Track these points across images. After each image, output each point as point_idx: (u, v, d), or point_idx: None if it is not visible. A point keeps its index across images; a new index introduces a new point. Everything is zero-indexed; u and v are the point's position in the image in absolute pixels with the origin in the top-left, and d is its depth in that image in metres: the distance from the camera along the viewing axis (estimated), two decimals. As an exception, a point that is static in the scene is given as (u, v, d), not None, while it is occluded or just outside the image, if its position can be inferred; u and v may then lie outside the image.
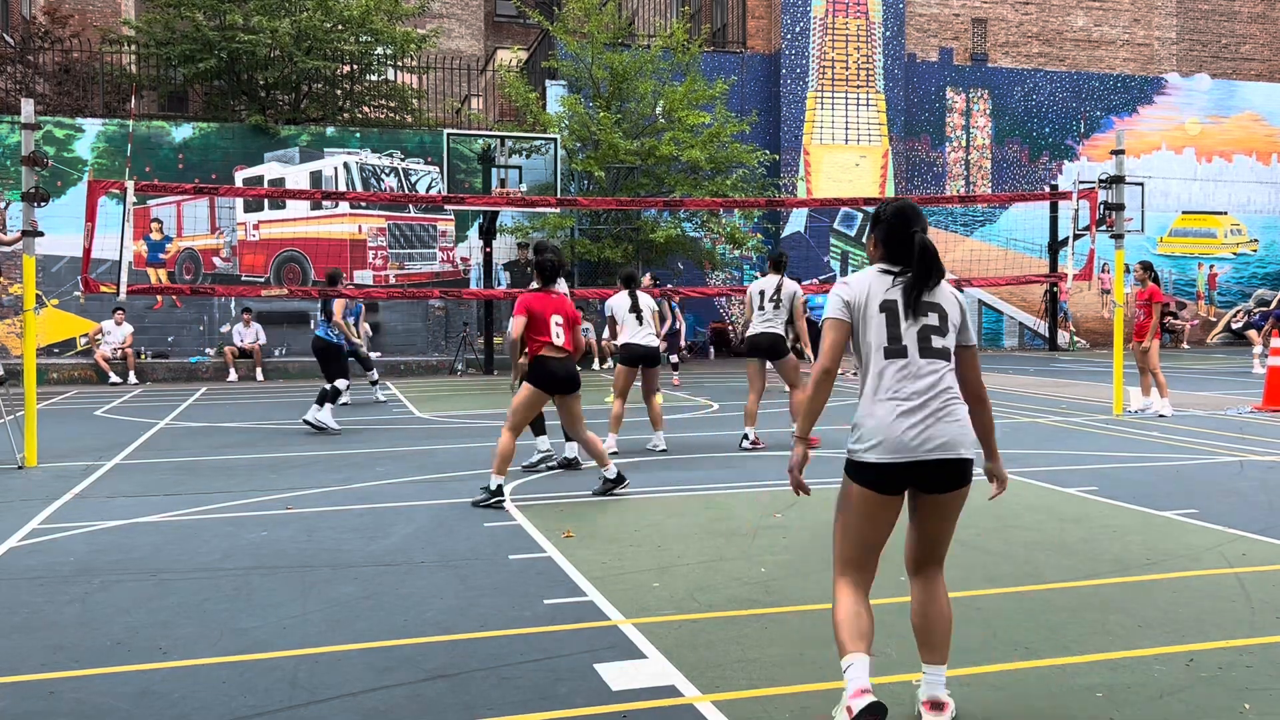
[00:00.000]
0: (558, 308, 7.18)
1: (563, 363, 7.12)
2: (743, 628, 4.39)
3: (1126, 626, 4.37)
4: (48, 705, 3.65)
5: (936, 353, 3.36)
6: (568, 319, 7.18)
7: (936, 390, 3.33)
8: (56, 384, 17.80)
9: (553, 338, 7.09)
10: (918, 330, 3.35)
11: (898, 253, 3.42)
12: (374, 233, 21.27)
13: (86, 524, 6.53)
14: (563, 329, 7.13)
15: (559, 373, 7.10)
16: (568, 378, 7.15)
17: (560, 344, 7.12)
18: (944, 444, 3.29)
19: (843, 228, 24.65)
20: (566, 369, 7.13)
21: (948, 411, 3.32)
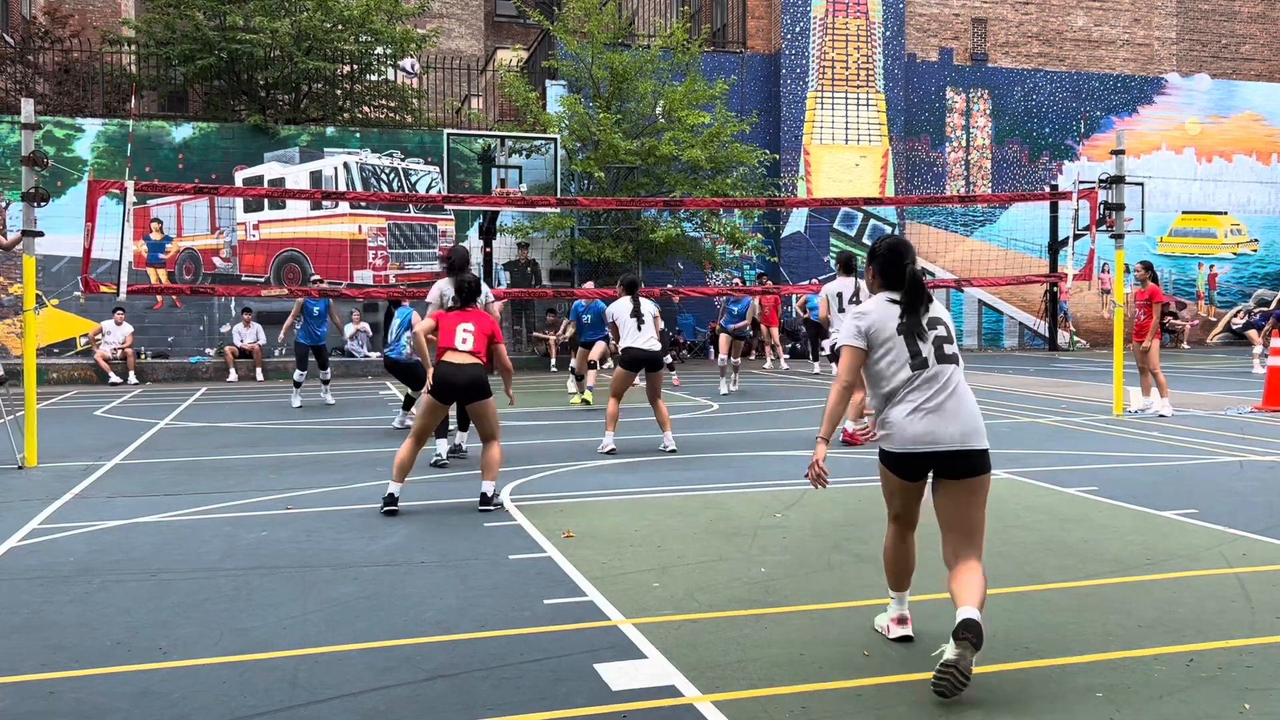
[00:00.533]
0: (472, 318, 7.00)
1: (462, 369, 6.80)
2: (743, 628, 4.39)
3: (1126, 626, 4.37)
4: (48, 705, 3.65)
5: (949, 358, 3.99)
6: (481, 329, 6.96)
7: (952, 390, 3.94)
8: (56, 384, 17.80)
9: (456, 343, 6.86)
10: (932, 342, 3.97)
11: (895, 282, 4.06)
12: (374, 233, 21.27)
13: (86, 524, 6.53)
14: (472, 336, 6.90)
15: (456, 379, 6.79)
16: (468, 384, 6.81)
17: (468, 349, 6.85)
18: (959, 435, 3.87)
19: (843, 228, 24.64)
20: (467, 375, 6.80)
21: (962, 407, 3.92)
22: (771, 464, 8.65)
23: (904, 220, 25.01)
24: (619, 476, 8.14)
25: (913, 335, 3.97)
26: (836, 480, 7.85)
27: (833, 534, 6.06)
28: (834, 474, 8.08)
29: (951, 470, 3.90)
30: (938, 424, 3.87)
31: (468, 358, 6.85)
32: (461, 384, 6.82)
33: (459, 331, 6.92)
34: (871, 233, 24.80)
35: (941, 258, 25.11)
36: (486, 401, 6.89)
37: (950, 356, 3.99)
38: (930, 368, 3.94)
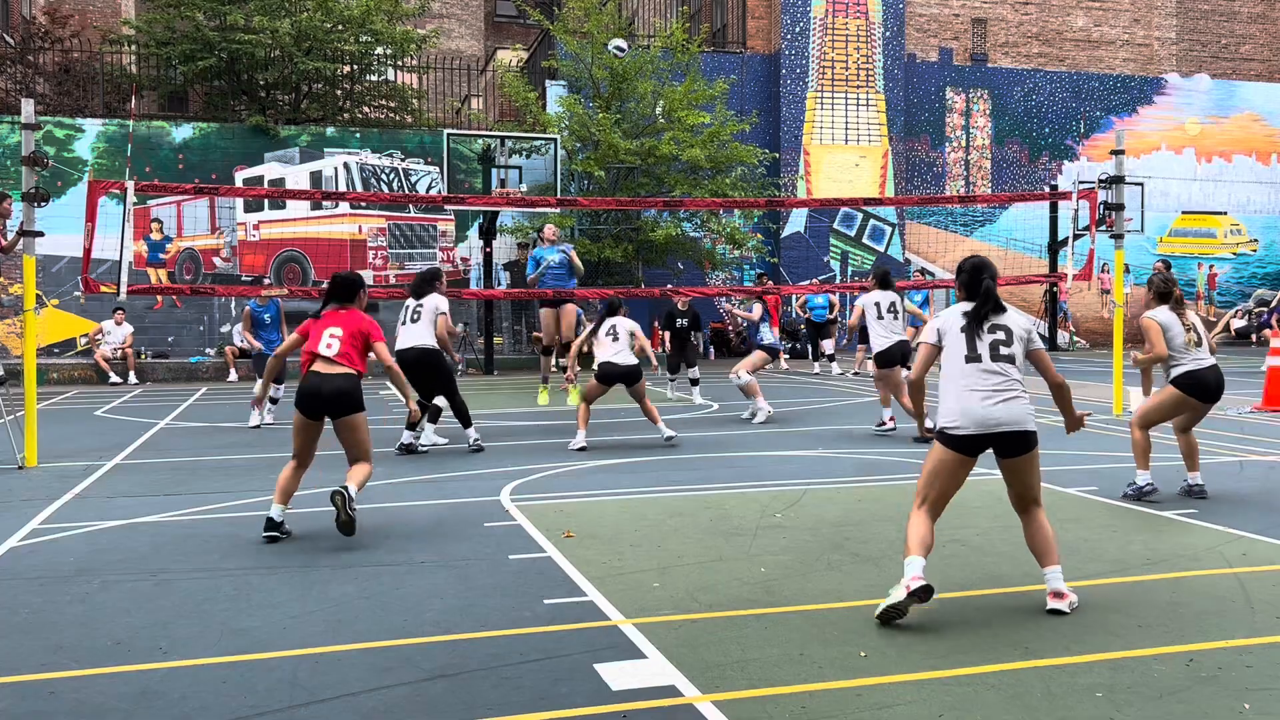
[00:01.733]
0: (340, 321, 6.18)
1: (328, 379, 5.99)
2: (743, 628, 4.39)
3: (1126, 626, 4.37)
4: (48, 705, 3.65)
5: (1004, 358, 4.74)
6: (353, 333, 6.13)
7: (1003, 382, 4.68)
8: (57, 384, 17.80)
9: (320, 348, 6.06)
10: (989, 343, 4.76)
11: (974, 294, 4.89)
12: (374, 233, 21.27)
13: (86, 524, 6.53)
14: (339, 341, 6.07)
15: (320, 389, 5.98)
16: (333, 396, 5.98)
17: (331, 355, 6.04)
18: (1008, 420, 4.61)
19: (843, 228, 24.65)
20: (333, 385, 5.97)
21: (1012, 397, 4.66)
22: (772, 464, 8.65)
23: (904, 220, 25.01)
24: (619, 476, 8.14)
25: (972, 335, 4.83)
26: (837, 480, 7.85)
27: (833, 534, 6.06)
28: (835, 474, 8.11)
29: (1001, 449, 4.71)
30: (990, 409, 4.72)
31: (336, 365, 6.04)
32: (327, 394, 5.99)
33: (324, 337, 6.11)
34: (871, 233, 24.81)
35: (941, 258, 25.11)
36: (356, 418, 6.07)
37: (1005, 357, 4.76)
38: (981, 362, 4.73)
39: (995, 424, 4.60)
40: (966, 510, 6.70)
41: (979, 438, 4.61)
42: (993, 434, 4.60)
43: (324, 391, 5.97)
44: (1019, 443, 4.64)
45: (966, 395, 4.66)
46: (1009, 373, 4.70)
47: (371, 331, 6.19)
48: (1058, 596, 4.59)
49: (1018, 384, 4.70)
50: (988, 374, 4.68)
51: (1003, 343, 4.76)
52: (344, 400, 6.00)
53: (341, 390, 5.98)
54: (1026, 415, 4.65)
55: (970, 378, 4.68)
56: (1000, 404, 4.62)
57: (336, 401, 5.99)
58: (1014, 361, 4.73)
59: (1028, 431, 4.64)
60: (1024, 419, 4.63)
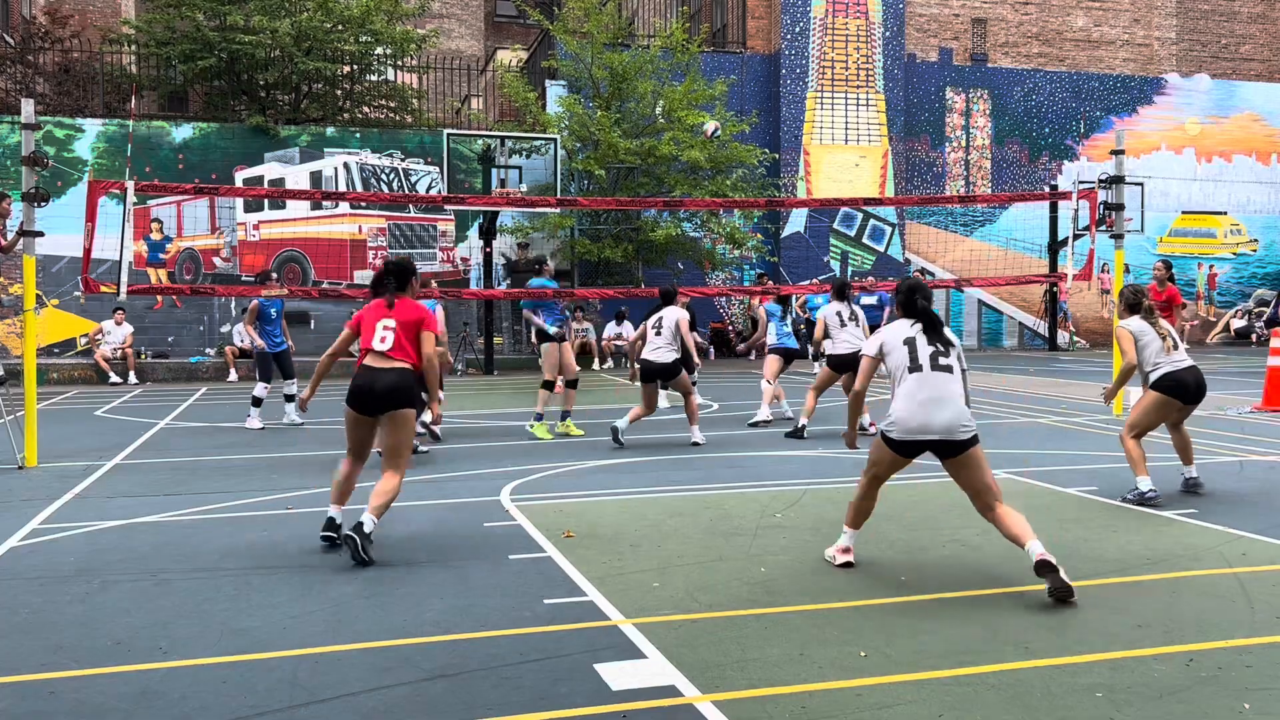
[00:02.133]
0: (394, 312, 5.85)
1: (381, 374, 5.70)
2: (743, 628, 4.39)
3: (1126, 626, 4.37)
4: (48, 705, 3.65)
5: (944, 367, 5.10)
6: (406, 324, 5.80)
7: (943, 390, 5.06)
8: (57, 384, 17.80)
9: (375, 343, 5.77)
10: (929, 353, 5.13)
11: (911, 313, 5.28)
12: (374, 233, 21.28)
13: (86, 524, 6.53)
14: (393, 334, 5.76)
15: (372, 385, 5.68)
16: (386, 392, 5.66)
17: (385, 350, 5.74)
18: (945, 427, 5.00)
19: (842, 228, 24.65)
20: (386, 381, 5.67)
21: (949, 403, 5.03)
22: (772, 464, 8.65)
23: (904, 220, 25.01)
24: (619, 476, 8.15)
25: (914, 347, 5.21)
26: (837, 480, 7.85)
27: (833, 534, 6.05)
28: (834, 474, 8.11)
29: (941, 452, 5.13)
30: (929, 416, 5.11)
31: (388, 360, 5.75)
32: (380, 391, 5.69)
33: (378, 330, 5.82)
34: (871, 233, 24.81)
35: (941, 258, 25.11)
36: (404, 415, 5.74)
37: (945, 366, 5.13)
38: (923, 371, 5.12)
39: (933, 431, 5.02)
40: (966, 510, 6.70)
41: (916, 443, 5.09)
42: (929, 441, 5.06)
43: (376, 388, 5.68)
44: (954, 446, 5.03)
45: (908, 400, 5.08)
46: (948, 380, 5.09)
47: (425, 319, 5.86)
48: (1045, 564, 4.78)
49: (955, 390, 5.08)
50: (927, 382, 5.07)
51: (941, 354, 5.15)
52: (396, 396, 5.70)
53: (394, 386, 5.69)
54: (961, 419, 5.02)
55: (910, 384, 5.10)
56: (937, 408, 5.01)
57: (389, 397, 5.69)
58: (952, 370, 5.12)
59: (959, 440, 5.01)
60: (957, 424, 5.01)
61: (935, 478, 7.87)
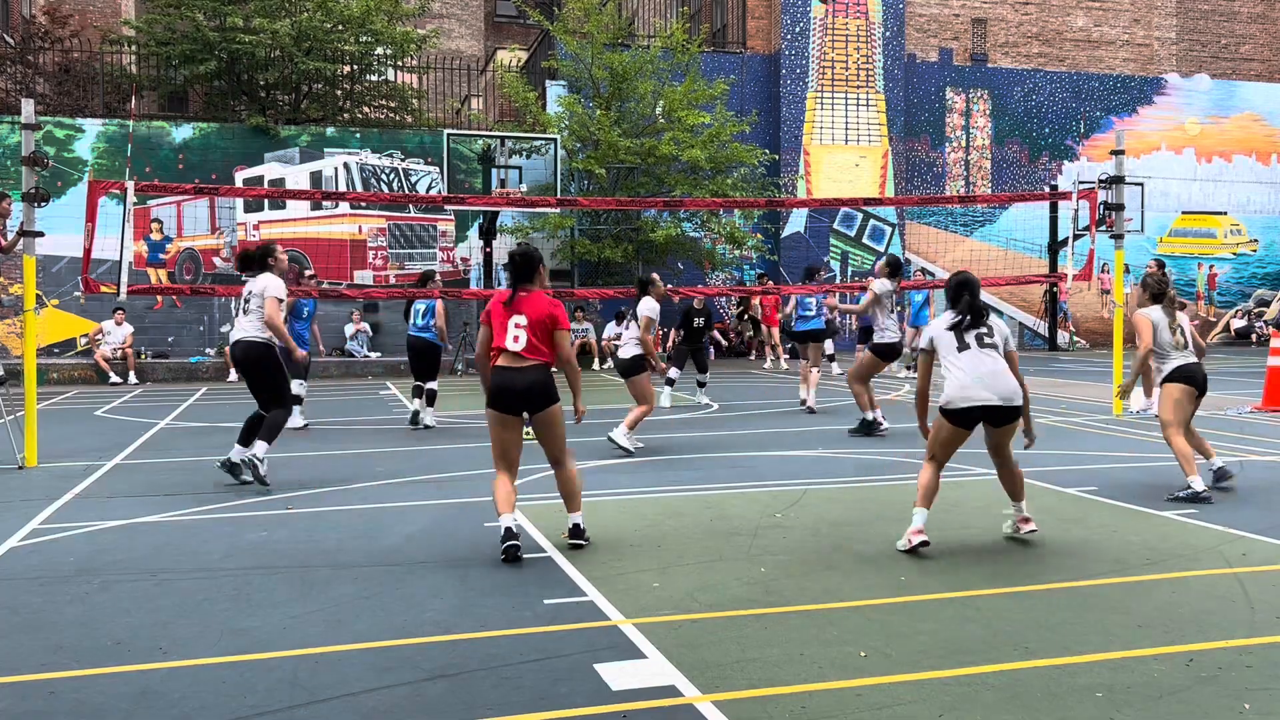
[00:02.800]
0: (524, 308, 5.72)
1: (519, 373, 5.64)
2: (743, 628, 4.39)
3: (1126, 626, 4.37)
4: (48, 705, 3.65)
5: (989, 346, 5.73)
6: (536, 322, 5.67)
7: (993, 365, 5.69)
8: (57, 384, 17.80)
9: (507, 342, 5.68)
10: (975, 335, 5.76)
11: (956, 305, 5.90)
12: (374, 233, 21.28)
13: (86, 524, 6.53)
14: (525, 332, 5.65)
15: (513, 384, 5.63)
16: (526, 390, 5.62)
17: (519, 350, 5.65)
18: (1002, 394, 5.61)
19: (842, 228, 24.65)
20: (526, 380, 5.62)
21: (1001, 375, 5.66)
22: (772, 464, 8.65)
23: (904, 220, 25.01)
24: (619, 476, 8.14)
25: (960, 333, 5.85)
26: (837, 480, 7.85)
27: (833, 534, 6.06)
28: (835, 474, 8.11)
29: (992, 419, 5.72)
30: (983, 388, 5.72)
31: (520, 360, 5.66)
32: (519, 390, 5.64)
33: (510, 328, 5.69)
34: (871, 233, 24.81)
35: (941, 258, 25.11)
36: (551, 412, 5.72)
37: (991, 345, 5.76)
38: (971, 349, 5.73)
39: (987, 399, 5.61)
40: (967, 510, 6.71)
41: (972, 410, 5.64)
42: (984, 406, 5.62)
43: (518, 387, 5.62)
44: (1004, 414, 5.66)
45: (962, 375, 5.67)
46: (995, 356, 5.71)
47: (558, 319, 5.70)
48: (1025, 521, 5.84)
49: (1003, 365, 5.69)
50: (977, 359, 5.68)
51: (986, 335, 5.77)
52: (538, 394, 5.63)
53: (535, 383, 5.61)
54: (1012, 391, 5.64)
55: (963, 361, 5.69)
56: (991, 381, 5.63)
57: (529, 396, 5.63)
58: (998, 350, 5.74)
59: (1010, 406, 5.64)
60: (1010, 395, 5.63)
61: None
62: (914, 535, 5.58)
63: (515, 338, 5.65)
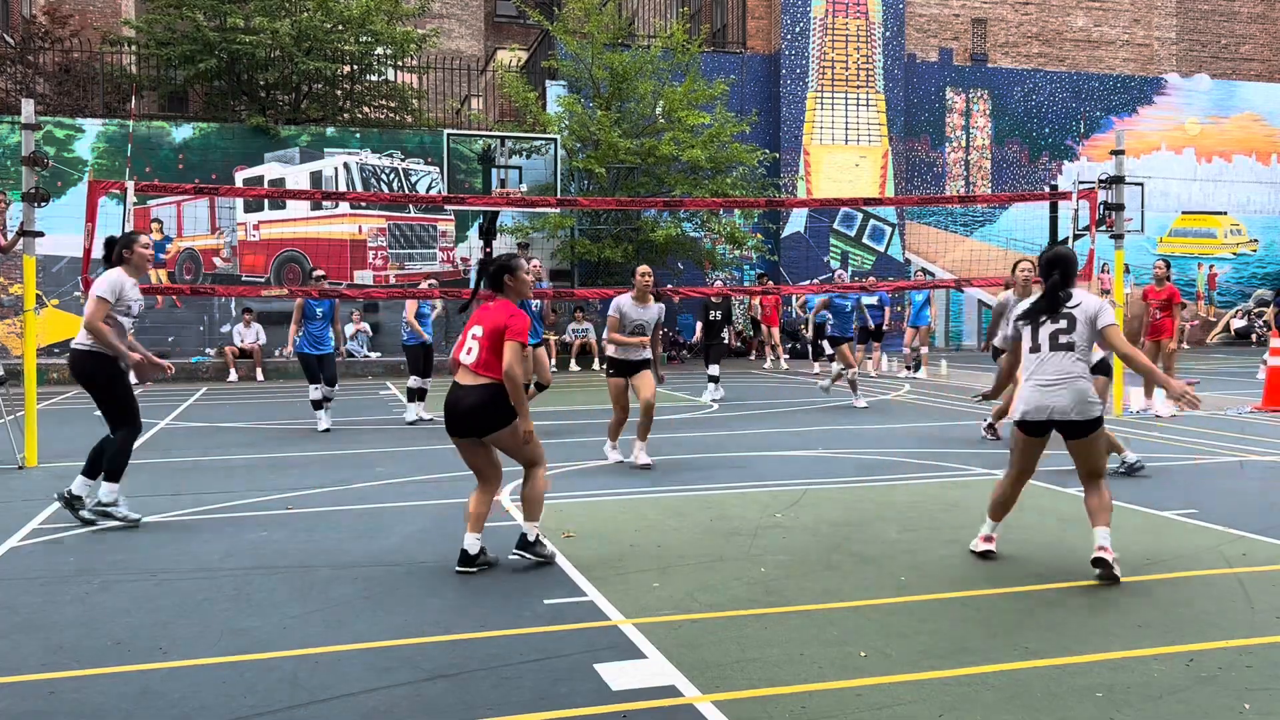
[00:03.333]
0: (485, 317, 5.27)
1: (464, 393, 5.18)
2: (743, 628, 4.39)
3: (1126, 626, 4.37)
4: (48, 705, 3.65)
5: (1064, 345, 5.18)
6: (491, 332, 5.17)
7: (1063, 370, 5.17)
8: (57, 384, 17.79)
9: (462, 354, 5.25)
10: (1050, 332, 5.22)
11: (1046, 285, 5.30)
12: (374, 233, 21.27)
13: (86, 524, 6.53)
14: (479, 344, 5.18)
15: (455, 406, 5.19)
16: (466, 414, 5.16)
17: (470, 363, 5.19)
18: (1066, 408, 5.10)
19: (842, 228, 24.64)
20: (467, 402, 5.15)
21: (1069, 384, 5.14)
22: (772, 464, 8.65)
23: (904, 220, 25.01)
24: (619, 477, 8.14)
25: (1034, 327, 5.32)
26: (837, 480, 7.85)
27: (833, 534, 6.06)
28: (835, 474, 8.10)
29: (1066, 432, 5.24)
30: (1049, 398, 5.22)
31: (470, 375, 5.20)
32: (458, 413, 5.19)
33: (467, 339, 5.28)
34: (871, 233, 24.80)
35: (941, 258, 25.11)
36: (500, 434, 5.23)
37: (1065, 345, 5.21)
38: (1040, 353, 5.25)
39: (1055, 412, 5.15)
40: (967, 510, 6.71)
41: (1042, 423, 5.21)
42: (1055, 421, 5.18)
43: (460, 408, 5.17)
44: (1075, 428, 5.16)
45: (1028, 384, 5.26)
46: (1068, 359, 5.19)
47: (510, 328, 5.10)
48: (1102, 550, 5.03)
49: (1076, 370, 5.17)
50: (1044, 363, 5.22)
51: (1063, 331, 5.22)
52: (476, 419, 5.14)
53: (477, 406, 5.12)
54: (1081, 402, 5.12)
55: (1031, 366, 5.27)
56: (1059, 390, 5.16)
57: (472, 419, 5.16)
58: (1072, 348, 5.18)
59: (1076, 421, 5.13)
60: (1071, 407, 5.12)
61: (935, 478, 7.87)
62: (981, 541, 5.54)
63: (469, 349, 5.21)
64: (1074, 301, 5.21)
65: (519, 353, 5.09)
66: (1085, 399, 5.11)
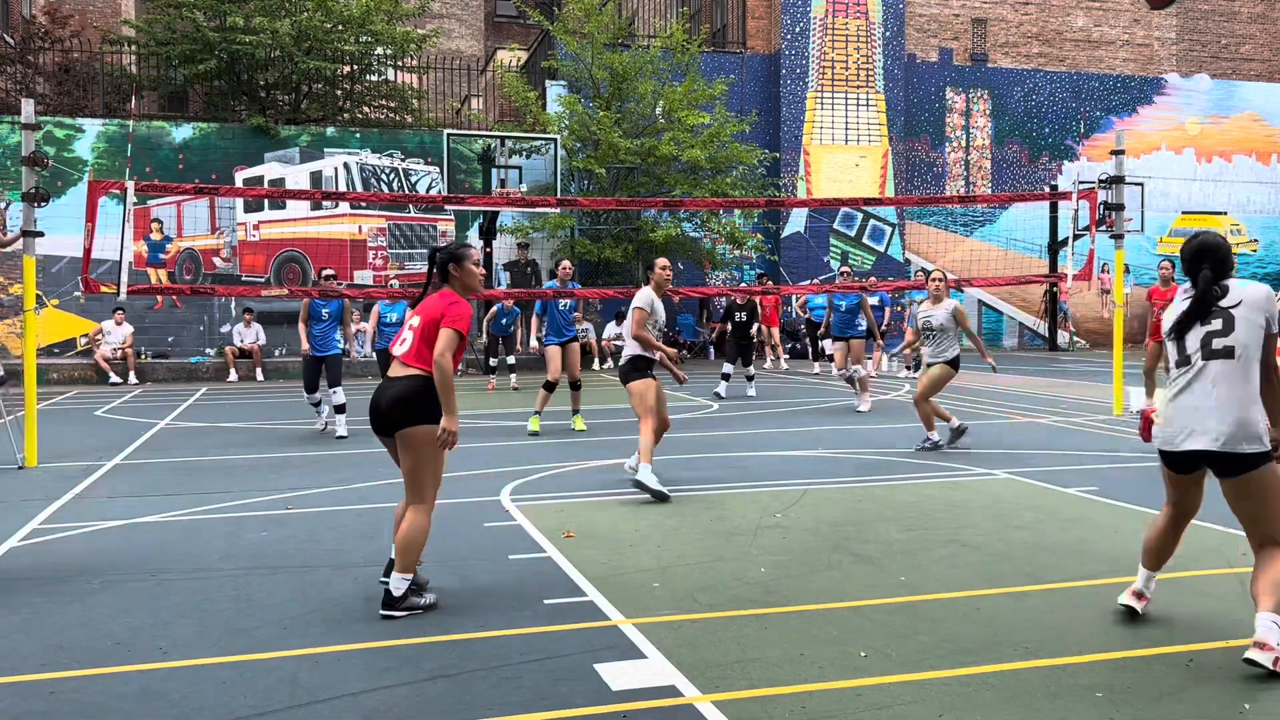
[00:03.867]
0: (423, 307, 4.82)
1: (389, 385, 4.74)
2: (743, 628, 4.39)
3: (1126, 626, 4.37)
4: (48, 705, 3.65)
5: (1219, 353, 4.00)
6: (428, 322, 4.72)
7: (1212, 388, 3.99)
8: (57, 384, 17.79)
9: (396, 346, 4.85)
10: (1200, 338, 4.06)
11: (1193, 283, 4.19)
12: (374, 233, 21.27)
13: (86, 524, 6.53)
14: (413, 334, 4.76)
15: (378, 400, 4.73)
16: (388, 407, 4.67)
17: (401, 354, 4.78)
18: (1211, 437, 3.95)
19: (842, 228, 24.64)
20: (390, 394, 4.68)
21: (1218, 408, 3.96)
22: (772, 464, 8.65)
23: (904, 220, 25.02)
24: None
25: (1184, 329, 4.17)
26: (836, 480, 7.85)
27: (833, 534, 6.06)
28: (835, 475, 8.10)
29: (1216, 469, 4.04)
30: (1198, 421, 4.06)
31: (401, 366, 4.75)
32: (378, 408, 4.73)
33: (404, 329, 4.89)
34: (871, 233, 24.81)
35: (942, 258, 25.11)
36: (411, 433, 4.64)
37: (1220, 351, 4.03)
38: (1190, 364, 4.10)
39: (1201, 440, 4.00)
40: (967, 510, 6.71)
41: (1186, 454, 4.07)
42: (1201, 452, 4.01)
43: (381, 403, 4.71)
44: (1228, 464, 3.96)
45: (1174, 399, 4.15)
46: (1218, 370, 4.01)
47: (447, 315, 4.66)
48: (1259, 647, 3.79)
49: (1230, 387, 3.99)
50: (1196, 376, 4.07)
51: (1217, 333, 4.05)
52: (395, 412, 4.65)
53: (397, 397, 4.66)
54: (1240, 429, 3.93)
55: (1177, 379, 4.14)
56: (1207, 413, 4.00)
57: (389, 414, 4.68)
58: (1232, 355, 3.99)
59: (1232, 454, 3.94)
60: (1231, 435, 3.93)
61: (935, 478, 7.87)
62: (1129, 595, 4.49)
63: (403, 340, 4.80)
64: (1233, 298, 4.06)
65: (454, 341, 4.62)
66: (1238, 428, 3.93)
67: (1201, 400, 3.99)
